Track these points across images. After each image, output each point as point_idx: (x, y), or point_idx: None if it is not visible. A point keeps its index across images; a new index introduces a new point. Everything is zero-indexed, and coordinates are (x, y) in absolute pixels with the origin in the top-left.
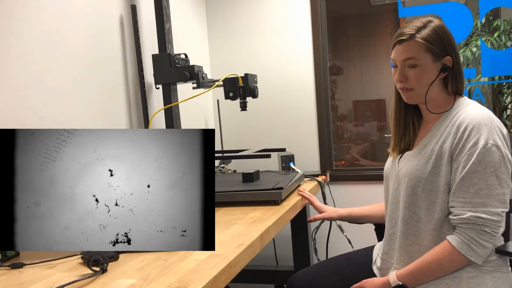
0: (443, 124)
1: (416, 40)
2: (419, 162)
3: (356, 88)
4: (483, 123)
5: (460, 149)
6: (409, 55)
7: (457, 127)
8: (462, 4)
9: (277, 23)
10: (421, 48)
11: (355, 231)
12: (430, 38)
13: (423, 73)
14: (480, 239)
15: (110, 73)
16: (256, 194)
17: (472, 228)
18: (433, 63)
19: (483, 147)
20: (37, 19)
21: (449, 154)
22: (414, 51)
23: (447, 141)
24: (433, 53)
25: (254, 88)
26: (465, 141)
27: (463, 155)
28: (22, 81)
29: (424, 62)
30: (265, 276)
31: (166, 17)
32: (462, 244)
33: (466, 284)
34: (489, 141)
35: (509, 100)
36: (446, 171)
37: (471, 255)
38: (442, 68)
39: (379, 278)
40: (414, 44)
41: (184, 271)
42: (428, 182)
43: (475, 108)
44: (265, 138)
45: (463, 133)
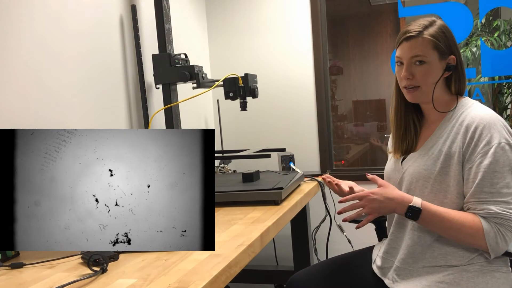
0: (448, 124)
1: (424, 36)
2: (427, 162)
3: (356, 88)
4: (492, 123)
5: (472, 149)
6: (417, 52)
7: (466, 127)
8: (462, 4)
9: (277, 23)
10: (429, 44)
11: (355, 231)
12: (438, 35)
13: (430, 70)
14: (506, 234)
15: (110, 73)
16: (256, 194)
17: (501, 223)
18: (439, 61)
19: (497, 146)
20: (37, 19)
21: (459, 155)
22: (422, 48)
23: (455, 142)
24: (440, 51)
25: (254, 88)
26: (477, 141)
27: (476, 155)
28: (22, 81)
29: (431, 59)
30: (265, 276)
31: (166, 17)
32: (491, 230)
33: (466, 283)
34: (502, 140)
35: (509, 100)
36: (456, 172)
37: (491, 245)
38: (446, 67)
39: (401, 192)
40: (422, 41)
41: (184, 271)
42: (437, 182)
43: (481, 108)
44: (265, 138)
45: (474, 133)
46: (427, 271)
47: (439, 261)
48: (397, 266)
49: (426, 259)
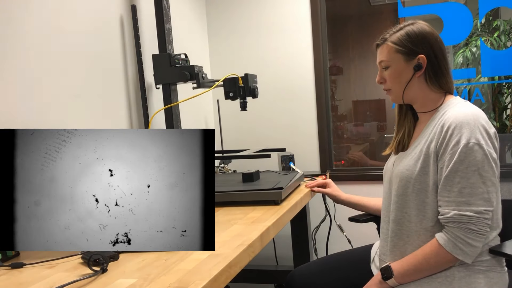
0: (432, 124)
1: (386, 43)
2: (409, 162)
3: (356, 88)
4: (465, 122)
5: (444, 148)
6: (381, 58)
7: (441, 126)
8: (462, 4)
9: (277, 23)
10: (391, 50)
11: (355, 231)
12: (398, 40)
13: (396, 73)
14: (466, 237)
15: (110, 73)
16: (256, 194)
17: (458, 227)
18: (406, 63)
19: (464, 146)
20: (37, 19)
21: (435, 154)
22: (385, 54)
23: (433, 141)
24: (403, 54)
25: (254, 88)
26: (448, 140)
27: (447, 155)
28: (22, 81)
29: (395, 63)
30: (265, 276)
31: (166, 17)
32: (448, 242)
33: (458, 283)
34: (471, 140)
35: (509, 100)
36: (434, 171)
37: (458, 254)
38: (415, 67)
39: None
40: (386, 47)
41: (184, 271)
42: (417, 182)
43: (461, 107)
44: (265, 138)
45: (446, 133)
46: None
47: None
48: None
49: None
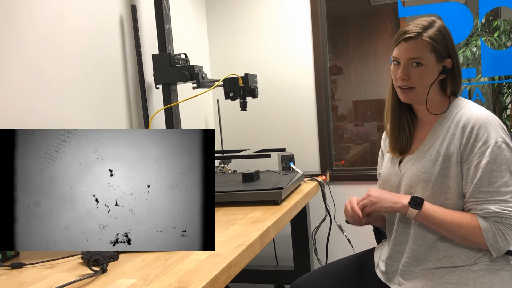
0: (443, 125)
1: (423, 38)
2: (425, 165)
3: (356, 88)
4: (488, 122)
5: (470, 149)
6: (415, 54)
7: (463, 127)
8: (462, 4)
9: (277, 23)
10: (427, 47)
11: (355, 231)
12: (437, 38)
13: (426, 72)
14: (506, 233)
15: (110, 73)
16: (256, 194)
17: (500, 222)
18: (436, 64)
19: (494, 145)
20: (37, 19)
21: (457, 155)
22: (420, 50)
23: (453, 142)
24: (437, 54)
25: (254, 88)
26: (474, 141)
27: (474, 155)
28: (22, 81)
29: (428, 61)
30: (265, 276)
31: (166, 17)
32: (489, 230)
33: (473, 283)
34: (498, 139)
35: (509, 100)
36: (456, 173)
37: (492, 245)
38: (442, 70)
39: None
40: (421, 43)
41: (184, 271)
42: (437, 184)
43: (476, 108)
44: (265, 138)
45: (471, 133)
46: (432, 272)
47: (444, 263)
48: (402, 270)
49: (432, 261)
